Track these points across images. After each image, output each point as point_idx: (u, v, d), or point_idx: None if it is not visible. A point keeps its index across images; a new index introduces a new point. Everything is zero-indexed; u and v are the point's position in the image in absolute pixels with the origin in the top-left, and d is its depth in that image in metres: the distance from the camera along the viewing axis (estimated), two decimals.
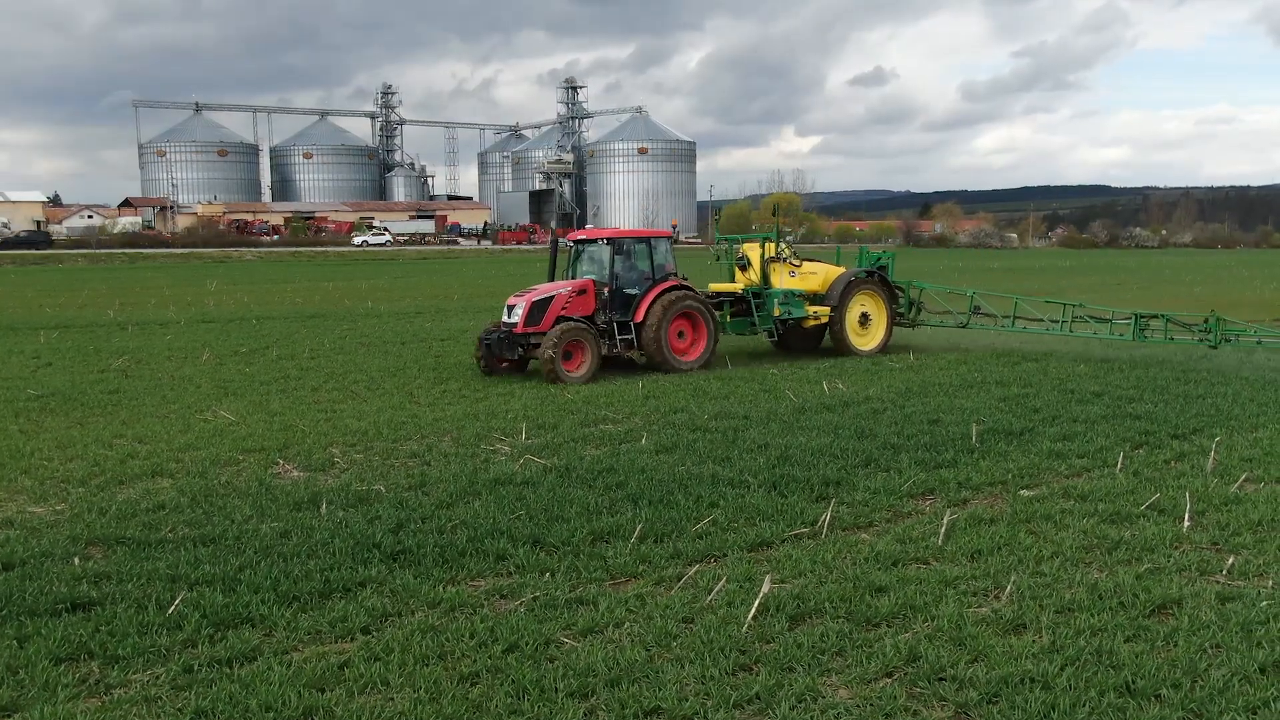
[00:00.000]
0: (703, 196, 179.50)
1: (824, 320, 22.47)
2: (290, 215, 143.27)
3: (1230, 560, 8.74)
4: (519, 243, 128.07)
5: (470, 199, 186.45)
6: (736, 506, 10.31)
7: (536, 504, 10.31)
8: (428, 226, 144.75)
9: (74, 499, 10.78)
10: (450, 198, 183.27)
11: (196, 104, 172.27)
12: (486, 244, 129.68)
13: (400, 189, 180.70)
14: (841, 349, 22.49)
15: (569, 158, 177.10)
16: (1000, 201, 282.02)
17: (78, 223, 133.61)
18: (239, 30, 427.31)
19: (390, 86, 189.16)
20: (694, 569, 8.60)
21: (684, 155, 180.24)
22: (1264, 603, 7.73)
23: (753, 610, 7.48)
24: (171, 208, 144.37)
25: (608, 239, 20.70)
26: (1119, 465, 12.04)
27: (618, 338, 19.83)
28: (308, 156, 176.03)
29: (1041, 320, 22.84)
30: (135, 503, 10.53)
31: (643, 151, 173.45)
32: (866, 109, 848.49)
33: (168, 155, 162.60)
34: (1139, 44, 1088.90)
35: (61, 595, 7.85)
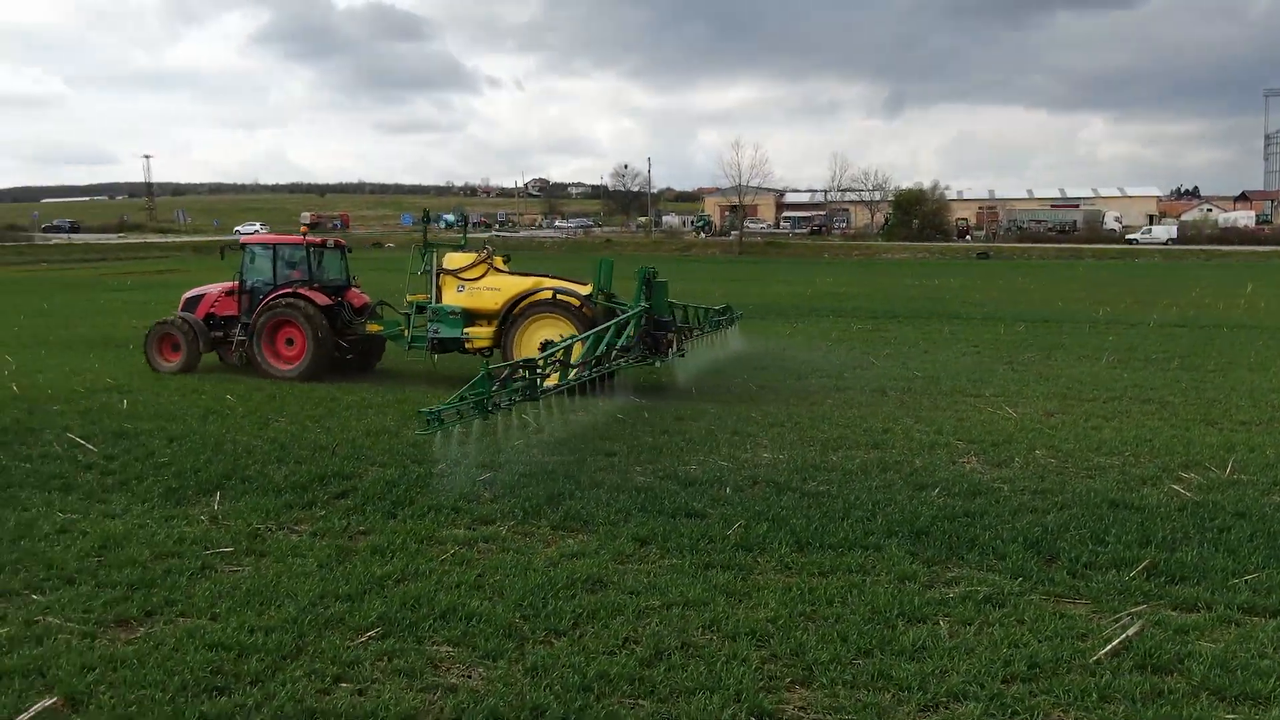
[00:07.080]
0: None
1: (480, 344, 20.37)
2: None
3: None
4: None
5: None
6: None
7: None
8: None
9: (794, 448, 14.30)
10: None
11: None
12: None
13: None
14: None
15: None
16: None
17: (1193, 216, 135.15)
18: None
19: None
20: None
21: None
22: None
23: (1107, 646, 7.81)
24: None
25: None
26: None
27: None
28: None
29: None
30: (822, 460, 13.67)
31: None
32: None
33: None
34: None
35: (685, 508, 11.41)
